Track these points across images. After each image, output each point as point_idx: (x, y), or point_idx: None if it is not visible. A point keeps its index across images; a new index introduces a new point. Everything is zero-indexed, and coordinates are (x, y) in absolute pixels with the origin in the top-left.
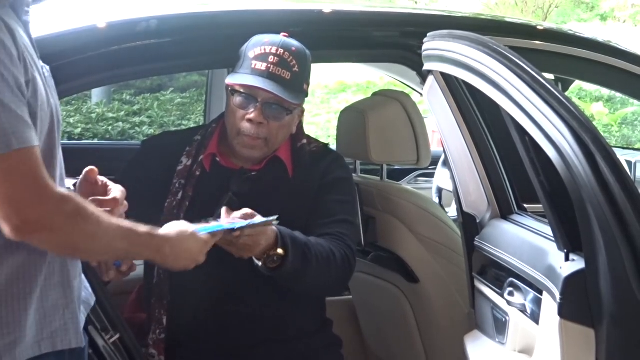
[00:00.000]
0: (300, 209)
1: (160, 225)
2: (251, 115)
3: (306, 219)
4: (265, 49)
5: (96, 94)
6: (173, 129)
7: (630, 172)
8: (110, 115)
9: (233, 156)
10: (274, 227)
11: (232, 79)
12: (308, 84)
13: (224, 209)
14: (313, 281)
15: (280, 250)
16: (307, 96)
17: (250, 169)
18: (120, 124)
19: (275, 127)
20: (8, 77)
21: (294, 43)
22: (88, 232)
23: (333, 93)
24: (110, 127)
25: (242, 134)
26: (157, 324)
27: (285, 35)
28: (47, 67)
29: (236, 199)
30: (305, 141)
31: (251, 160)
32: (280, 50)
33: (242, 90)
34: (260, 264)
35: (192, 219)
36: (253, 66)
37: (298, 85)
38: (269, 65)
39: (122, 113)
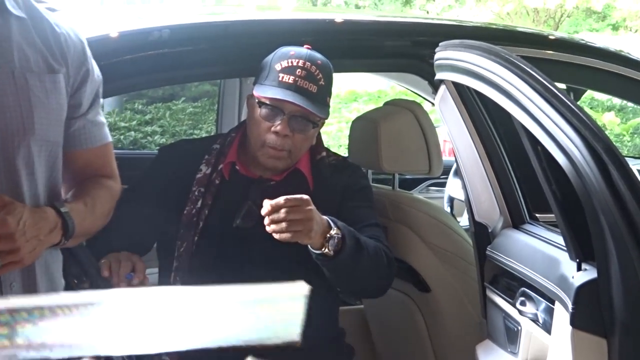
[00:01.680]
0: None
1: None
2: (278, 128)
3: None
4: (292, 62)
5: (108, 103)
6: (185, 138)
7: None
8: (122, 124)
9: (252, 165)
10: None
11: (259, 91)
12: (330, 97)
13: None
14: (366, 273)
15: (337, 230)
16: (329, 108)
17: (269, 179)
18: (132, 133)
19: (300, 139)
20: None
21: (318, 56)
22: None
23: (344, 102)
24: (122, 136)
25: (267, 146)
26: None
27: (308, 48)
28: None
29: (255, 208)
30: (324, 154)
31: (272, 171)
32: (307, 64)
33: (268, 103)
34: (323, 251)
35: (211, 227)
36: (280, 79)
37: (323, 98)
38: (296, 79)
39: (134, 122)
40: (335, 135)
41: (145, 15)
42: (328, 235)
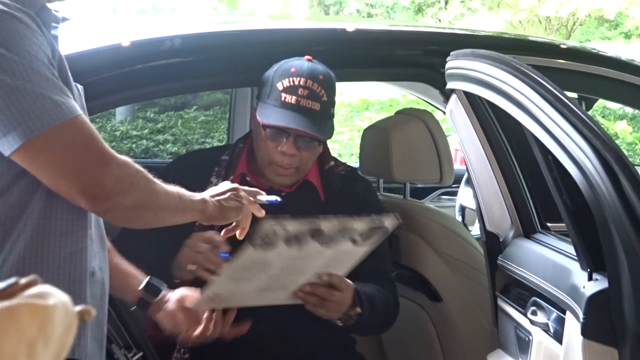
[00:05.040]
0: None
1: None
2: (284, 148)
3: None
4: (293, 81)
5: (120, 111)
6: (197, 147)
7: None
8: (134, 132)
9: (262, 176)
10: (352, 285)
11: (263, 116)
12: (334, 107)
13: None
14: (374, 328)
15: (359, 309)
16: (333, 118)
17: (280, 190)
18: (144, 141)
19: (307, 156)
20: (44, 60)
21: (320, 69)
22: (151, 189)
23: (356, 111)
24: (134, 145)
25: (274, 164)
26: (182, 343)
27: (308, 59)
28: (81, 87)
29: None
30: (332, 163)
31: (282, 186)
32: (309, 82)
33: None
34: (335, 321)
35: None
36: (282, 99)
37: (327, 112)
38: (299, 99)
39: (146, 131)
40: (347, 144)
41: (157, 25)
42: (351, 312)
